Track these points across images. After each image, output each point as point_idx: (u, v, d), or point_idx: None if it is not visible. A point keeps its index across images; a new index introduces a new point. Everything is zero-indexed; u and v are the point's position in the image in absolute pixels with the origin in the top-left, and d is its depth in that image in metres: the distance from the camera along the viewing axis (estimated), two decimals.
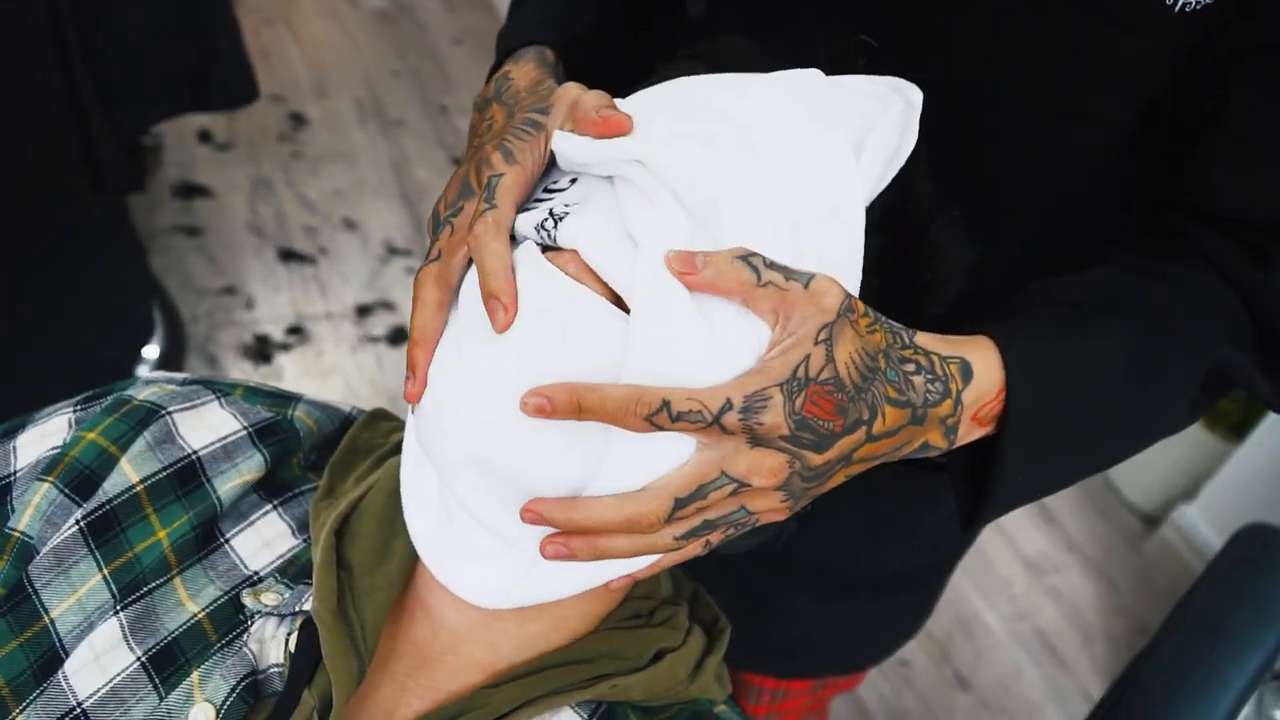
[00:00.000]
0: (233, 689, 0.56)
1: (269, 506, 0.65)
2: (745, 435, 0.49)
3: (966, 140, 0.65)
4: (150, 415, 0.63)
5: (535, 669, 0.60)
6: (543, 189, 0.56)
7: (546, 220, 0.53)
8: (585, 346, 0.50)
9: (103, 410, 0.63)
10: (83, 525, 0.59)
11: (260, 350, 2.14)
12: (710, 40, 0.63)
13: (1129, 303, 0.62)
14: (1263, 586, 0.93)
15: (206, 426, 0.64)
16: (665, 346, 0.49)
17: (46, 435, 0.63)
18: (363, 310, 2.27)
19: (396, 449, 0.69)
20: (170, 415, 0.63)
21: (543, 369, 0.50)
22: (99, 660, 0.56)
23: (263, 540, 0.63)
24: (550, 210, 0.53)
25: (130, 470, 0.61)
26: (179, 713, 0.56)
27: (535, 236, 0.53)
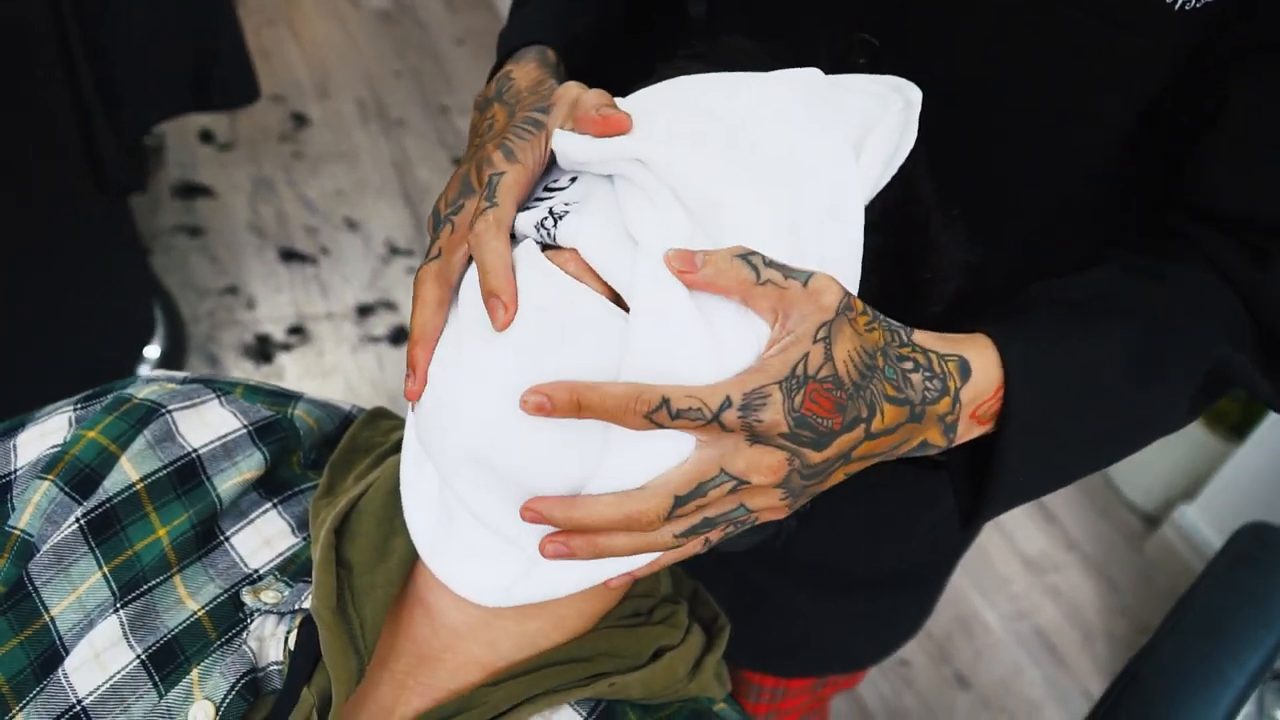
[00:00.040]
0: (232, 686, 0.56)
1: (269, 505, 0.65)
2: (744, 433, 0.49)
3: (967, 140, 0.65)
4: (150, 414, 0.63)
5: (534, 667, 0.60)
6: (543, 188, 0.56)
7: (546, 219, 0.53)
8: (585, 345, 0.50)
9: (103, 409, 0.63)
10: (83, 523, 0.59)
11: (261, 350, 2.14)
12: (711, 40, 0.63)
13: (1129, 303, 0.62)
14: (1263, 585, 0.93)
15: (206, 425, 0.64)
16: (665, 345, 0.49)
17: (47, 434, 0.64)
18: (364, 310, 2.27)
19: (396, 447, 0.69)
20: (170, 413, 0.64)
21: (542, 367, 0.50)
22: (99, 658, 0.56)
23: (262, 538, 0.63)
24: (550, 209, 0.53)
25: (130, 468, 0.61)
26: (179, 710, 0.56)
27: (535, 235, 0.53)
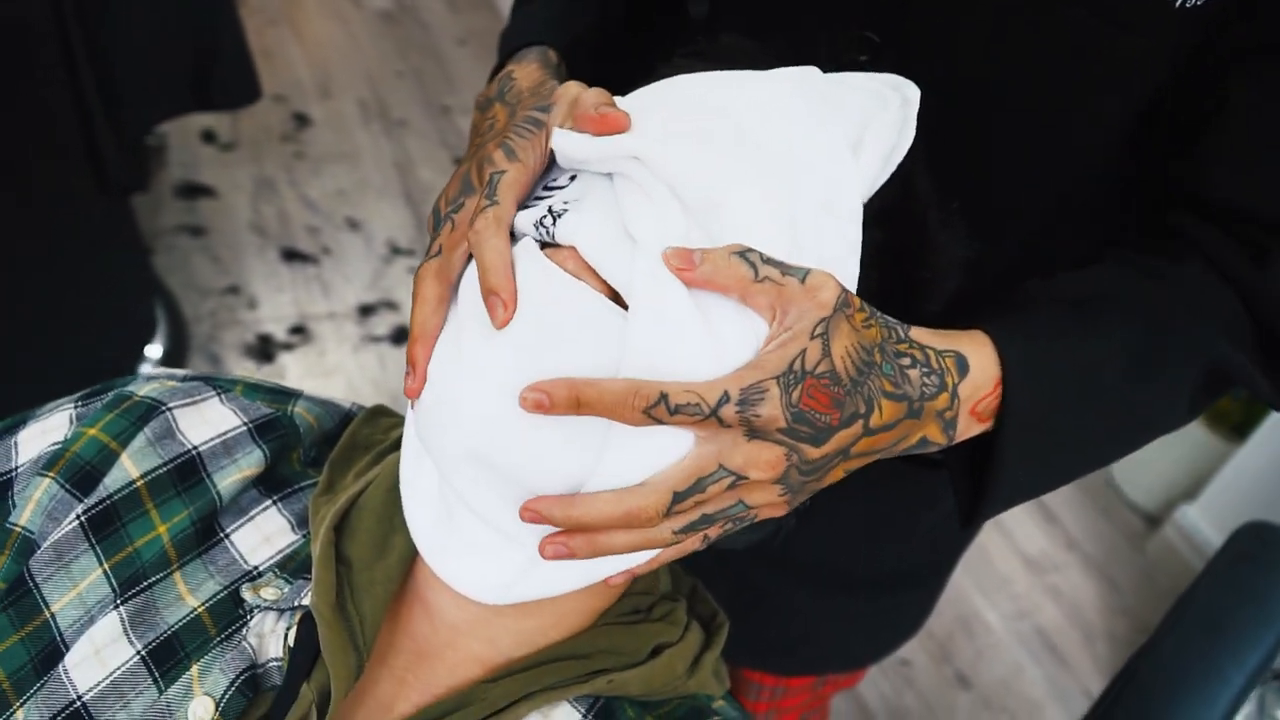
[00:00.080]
0: (232, 682, 0.56)
1: (269, 502, 0.65)
2: (742, 428, 0.49)
3: (967, 140, 0.65)
4: (151, 411, 0.63)
5: (533, 664, 0.60)
6: (543, 186, 0.56)
7: (545, 217, 0.53)
8: (584, 343, 0.50)
9: (103, 406, 0.64)
10: (83, 520, 0.59)
11: (263, 350, 2.14)
12: (711, 39, 0.63)
13: (1128, 301, 0.62)
14: (1263, 584, 0.93)
15: (207, 422, 0.64)
16: (663, 342, 0.49)
17: (47, 431, 0.64)
18: (365, 310, 2.27)
19: (396, 445, 0.69)
20: (170, 411, 0.64)
21: (541, 365, 0.50)
22: (99, 654, 0.56)
23: (262, 535, 0.63)
24: (549, 207, 0.53)
25: (131, 466, 0.61)
26: (178, 706, 0.56)
27: (534, 233, 0.53)
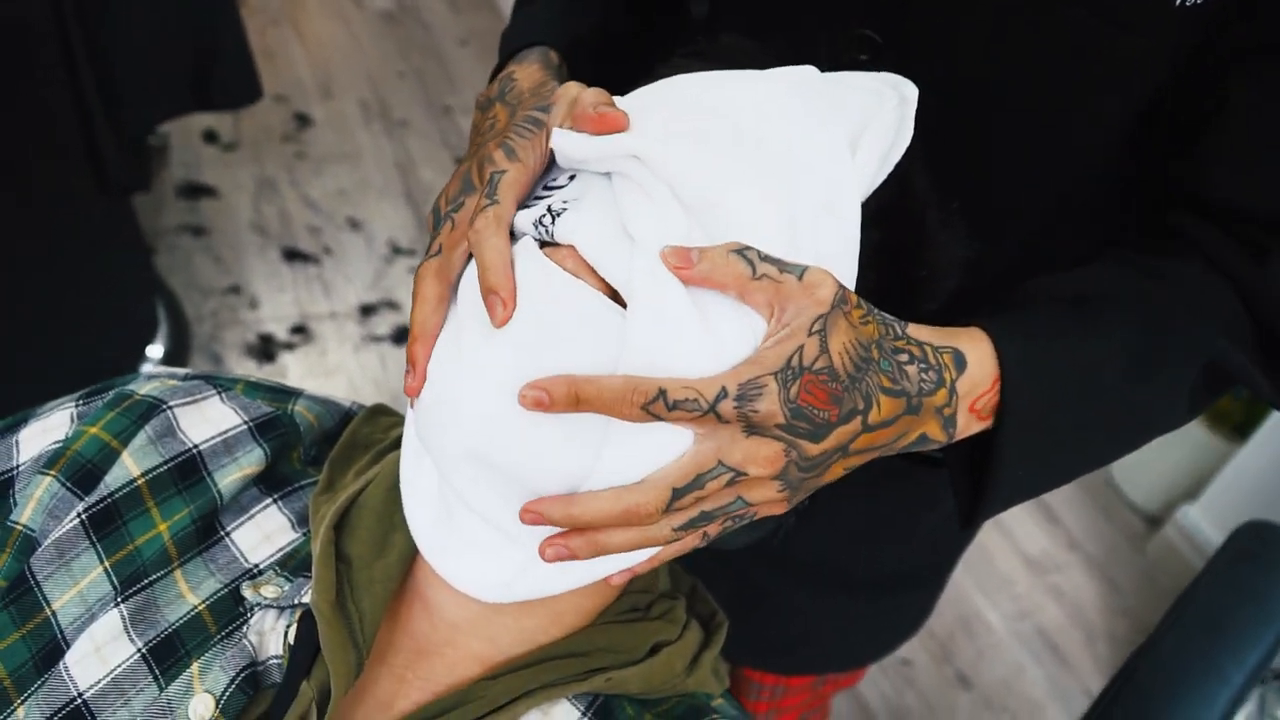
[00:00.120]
0: (232, 680, 0.56)
1: (269, 500, 0.65)
2: (741, 424, 0.49)
3: (967, 139, 0.65)
4: (151, 410, 0.63)
5: (532, 661, 0.60)
6: (543, 186, 0.56)
7: (544, 216, 0.53)
8: (583, 341, 0.50)
9: (104, 405, 0.64)
10: (84, 518, 0.59)
11: (264, 349, 2.14)
12: (711, 39, 0.64)
13: (1128, 301, 0.62)
14: (1262, 583, 0.93)
15: (207, 421, 0.64)
16: (662, 340, 0.49)
17: (49, 430, 0.64)
18: (366, 310, 2.27)
19: (396, 444, 0.69)
20: (171, 410, 0.64)
21: (541, 363, 0.50)
22: (100, 651, 0.57)
23: (263, 534, 0.63)
24: (549, 207, 0.53)
25: (131, 464, 0.61)
26: (179, 703, 0.56)
27: (533, 232, 0.54)
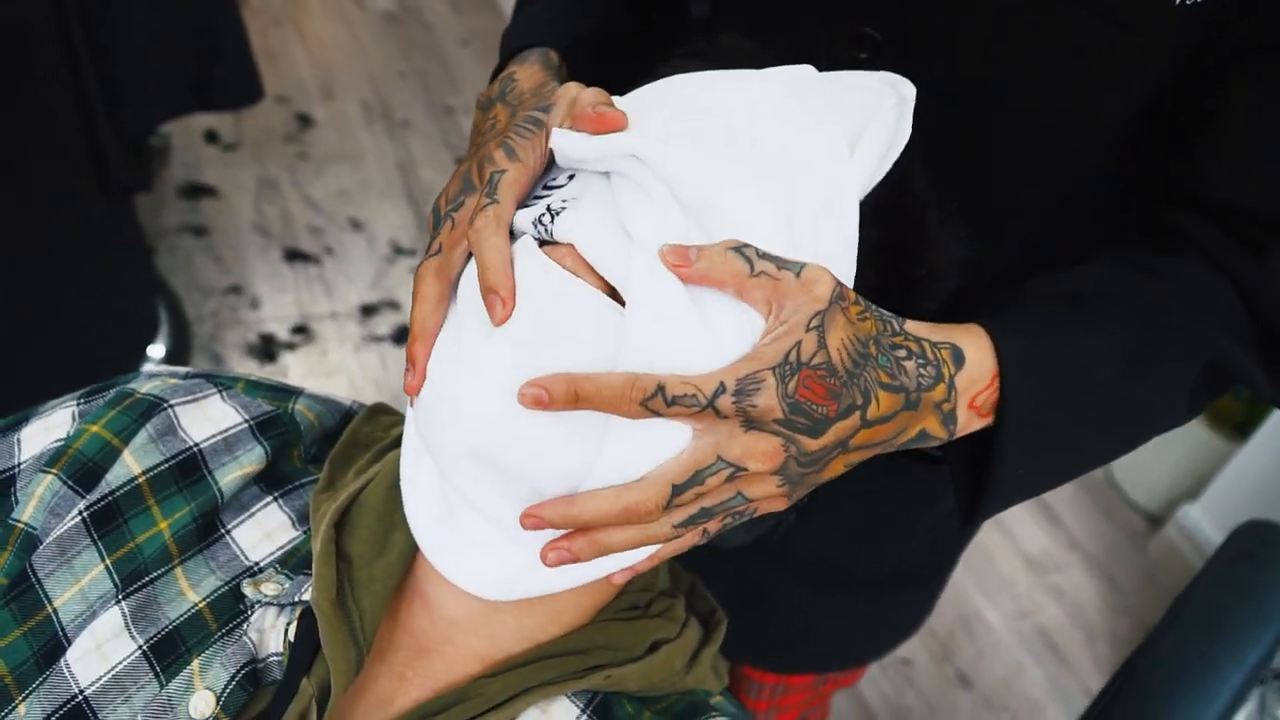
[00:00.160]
0: (232, 677, 0.56)
1: (269, 498, 0.65)
2: (739, 419, 0.49)
3: (967, 139, 0.65)
4: (152, 408, 0.64)
5: (532, 659, 0.60)
6: (542, 186, 0.57)
7: (544, 215, 0.53)
8: (582, 339, 0.50)
9: (106, 403, 0.64)
10: (85, 516, 0.60)
11: (265, 349, 2.14)
12: (711, 39, 0.64)
13: (1126, 298, 0.62)
14: (1261, 583, 0.93)
15: (208, 419, 0.64)
16: (660, 338, 0.49)
17: (50, 428, 0.64)
18: (367, 310, 2.27)
19: (396, 443, 0.69)
20: (172, 408, 0.64)
21: (540, 361, 0.50)
22: (101, 649, 0.57)
23: (263, 531, 0.64)
24: (548, 206, 0.54)
25: (132, 462, 0.62)
26: (179, 700, 0.56)
27: (533, 231, 0.54)
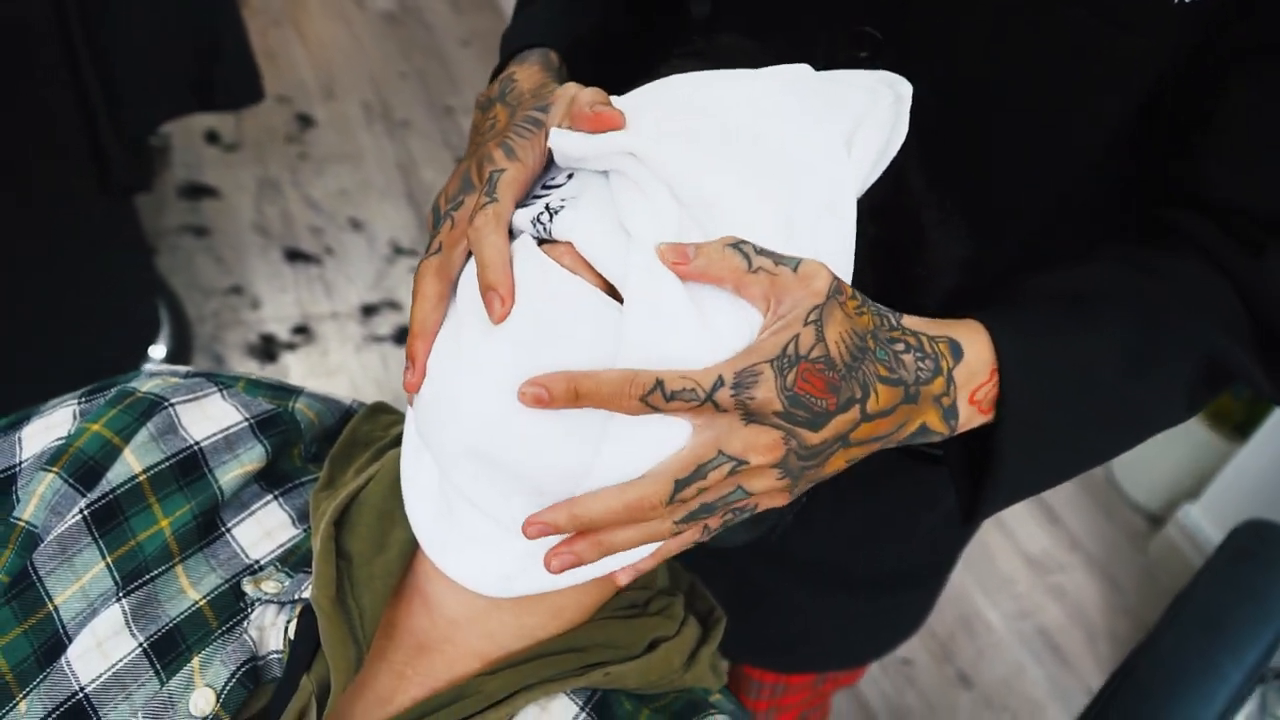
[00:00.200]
0: (233, 674, 0.57)
1: (270, 497, 0.65)
2: (739, 412, 0.49)
3: (966, 139, 0.65)
4: (153, 407, 0.64)
5: (531, 657, 0.60)
6: (541, 185, 0.57)
7: (542, 214, 0.53)
8: (581, 336, 0.51)
9: (106, 402, 0.64)
10: (86, 514, 0.60)
11: (266, 350, 2.15)
12: (710, 39, 0.64)
13: (1124, 297, 0.62)
14: (1261, 582, 0.93)
15: (208, 418, 0.65)
16: (658, 335, 0.49)
17: (51, 427, 0.64)
18: (368, 310, 2.28)
19: (396, 441, 0.69)
20: (173, 407, 0.64)
21: (539, 359, 0.50)
22: (101, 646, 0.57)
23: (263, 530, 0.64)
24: (546, 205, 0.54)
25: (133, 460, 0.62)
26: (180, 697, 0.56)
27: (532, 230, 0.54)
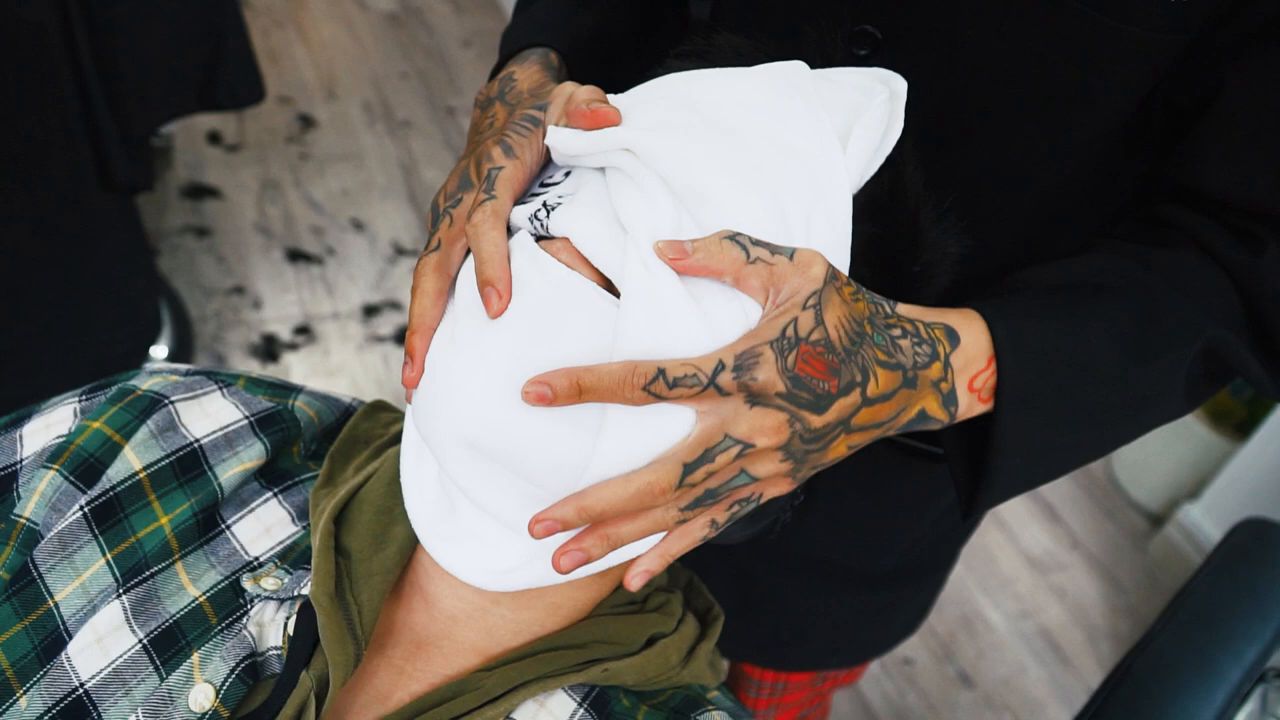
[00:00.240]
0: (232, 670, 0.57)
1: (269, 494, 0.66)
2: (742, 394, 0.50)
3: (965, 135, 0.65)
4: (153, 404, 0.64)
5: (529, 653, 0.61)
6: (539, 183, 0.57)
7: (540, 211, 0.54)
8: (578, 331, 0.51)
9: (107, 400, 0.64)
10: (87, 511, 0.60)
11: (268, 350, 2.15)
12: (707, 39, 0.64)
13: (1121, 287, 0.62)
14: (1260, 580, 0.93)
15: (208, 415, 0.65)
16: (656, 327, 0.50)
17: (52, 424, 0.65)
18: (370, 310, 2.28)
19: (395, 439, 0.70)
20: (173, 404, 0.64)
21: (537, 354, 0.51)
22: (101, 642, 0.57)
23: (263, 527, 0.64)
24: (544, 201, 0.54)
25: (133, 458, 0.62)
26: (179, 693, 0.56)
27: (529, 226, 0.54)
